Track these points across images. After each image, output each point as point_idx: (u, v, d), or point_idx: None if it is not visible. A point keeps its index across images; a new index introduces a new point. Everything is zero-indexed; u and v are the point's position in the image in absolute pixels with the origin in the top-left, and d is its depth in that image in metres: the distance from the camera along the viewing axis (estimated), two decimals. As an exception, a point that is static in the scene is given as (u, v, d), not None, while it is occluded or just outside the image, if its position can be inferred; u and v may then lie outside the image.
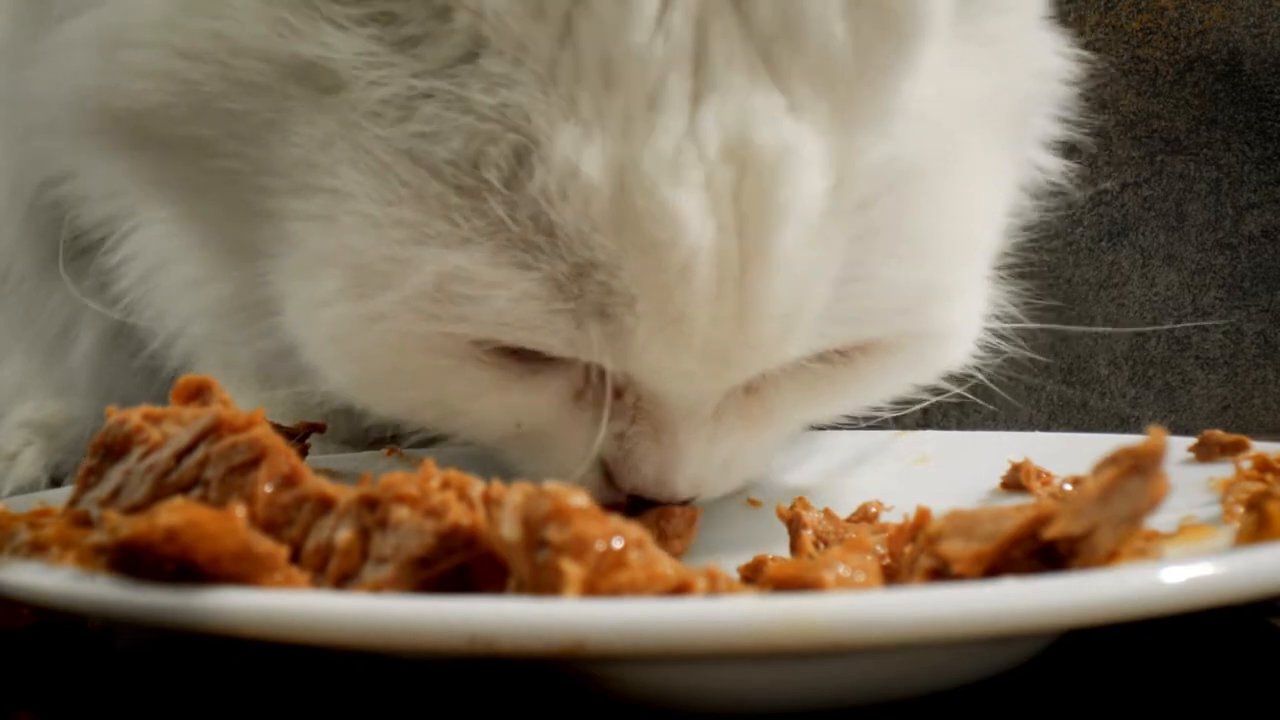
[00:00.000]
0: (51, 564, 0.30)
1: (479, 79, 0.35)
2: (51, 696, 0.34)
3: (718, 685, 0.28)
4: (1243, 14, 0.79)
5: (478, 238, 0.36)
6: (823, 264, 0.37)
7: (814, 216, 0.36)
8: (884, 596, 0.25)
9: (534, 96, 0.35)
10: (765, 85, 0.35)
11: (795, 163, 0.35)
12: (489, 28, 0.35)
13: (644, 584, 0.26)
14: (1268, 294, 0.79)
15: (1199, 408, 0.80)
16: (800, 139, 0.35)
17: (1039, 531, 0.28)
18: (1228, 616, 0.31)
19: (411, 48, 0.36)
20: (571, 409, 0.41)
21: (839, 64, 0.35)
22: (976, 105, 0.41)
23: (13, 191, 0.58)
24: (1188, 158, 0.80)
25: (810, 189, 0.36)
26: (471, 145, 0.36)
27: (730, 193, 0.35)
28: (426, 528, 0.28)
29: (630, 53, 0.34)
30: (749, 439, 0.44)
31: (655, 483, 0.42)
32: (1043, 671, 0.33)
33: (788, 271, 0.36)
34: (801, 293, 0.37)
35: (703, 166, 0.35)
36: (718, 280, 0.36)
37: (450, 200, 0.36)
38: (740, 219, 0.36)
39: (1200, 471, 0.43)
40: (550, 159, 0.35)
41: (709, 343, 0.37)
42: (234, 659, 0.35)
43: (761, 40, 0.35)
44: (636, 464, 0.42)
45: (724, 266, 0.36)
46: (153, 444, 0.31)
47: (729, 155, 0.35)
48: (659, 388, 0.40)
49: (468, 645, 0.24)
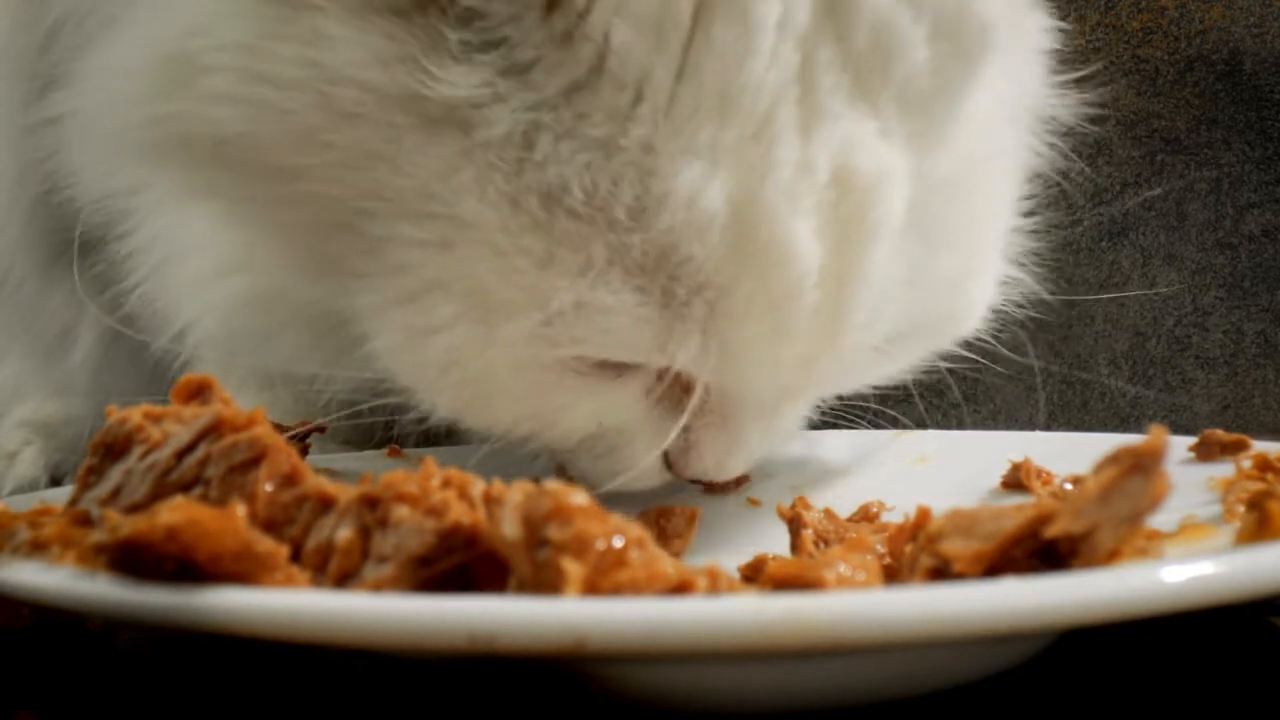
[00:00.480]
0: (52, 563, 0.30)
1: (598, 110, 0.36)
2: (51, 696, 0.34)
3: (718, 685, 0.28)
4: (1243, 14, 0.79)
5: (599, 266, 0.37)
6: (897, 272, 0.40)
7: (896, 229, 0.39)
8: (885, 596, 0.25)
9: (654, 128, 0.36)
10: (862, 110, 0.37)
11: (888, 184, 0.38)
12: (614, 59, 0.35)
13: (644, 583, 0.26)
14: (1268, 294, 0.79)
15: (1199, 407, 0.80)
16: (892, 161, 0.38)
17: (1040, 531, 0.28)
18: (1228, 616, 0.31)
19: (525, 73, 0.36)
20: (644, 407, 0.42)
21: (921, 86, 0.38)
22: (1006, 103, 0.43)
23: (14, 192, 0.58)
24: (1188, 158, 0.80)
25: (898, 207, 0.38)
26: (592, 177, 0.36)
27: (832, 214, 0.37)
28: (427, 527, 0.28)
29: (748, 84, 0.36)
30: (791, 417, 0.46)
31: (717, 468, 0.44)
32: (1043, 671, 0.33)
33: (873, 283, 0.39)
34: (881, 301, 0.40)
35: (813, 194, 0.37)
36: (819, 295, 0.38)
37: (573, 229, 0.37)
38: (839, 239, 0.37)
39: (1201, 471, 0.43)
40: (673, 191, 0.36)
41: (802, 354, 0.39)
42: (234, 659, 0.35)
43: (857, 66, 0.37)
44: (701, 453, 0.44)
45: (825, 284, 0.38)
46: (153, 443, 0.31)
47: (833, 181, 0.37)
48: (745, 390, 0.41)
49: (468, 644, 0.24)
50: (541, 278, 0.37)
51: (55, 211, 0.56)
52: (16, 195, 0.58)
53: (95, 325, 0.62)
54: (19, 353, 0.70)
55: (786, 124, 0.36)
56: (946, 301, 0.44)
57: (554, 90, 0.36)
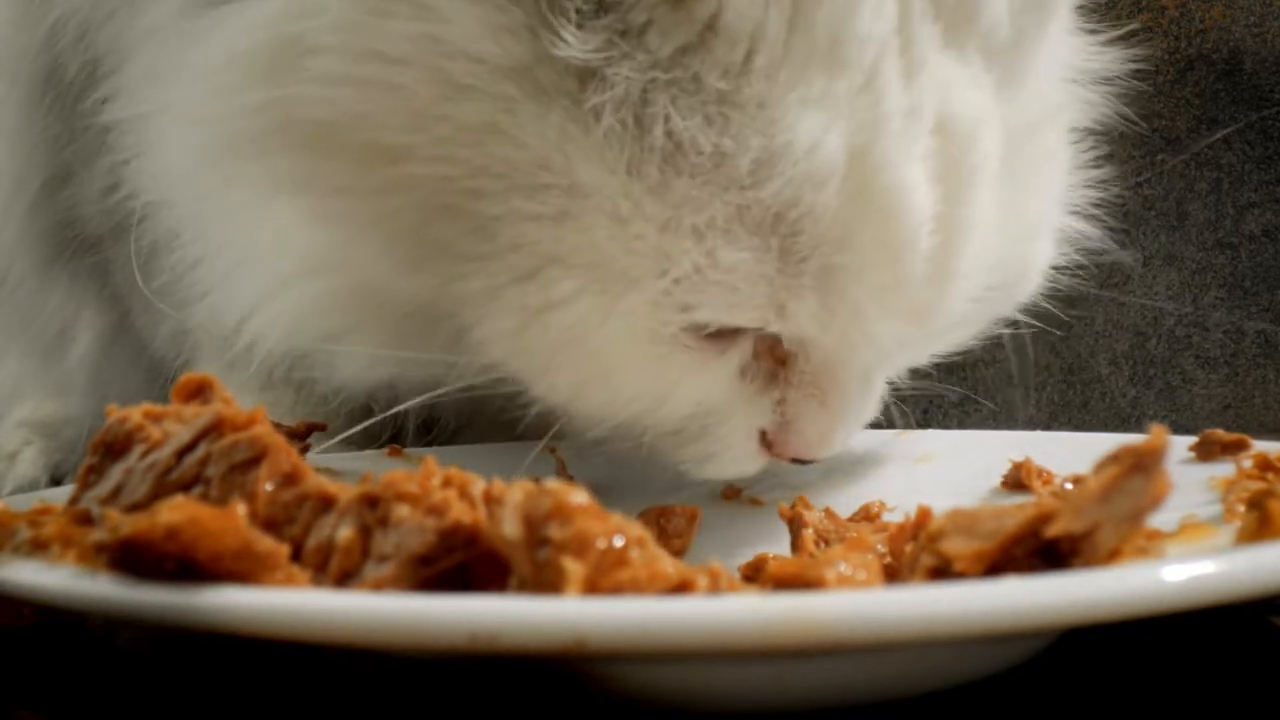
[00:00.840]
0: (52, 562, 0.29)
1: (713, 67, 0.36)
2: (51, 696, 0.34)
3: (718, 684, 0.28)
4: (1243, 13, 0.79)
5: (720, 226, 0.37)
6: (993, 217, 0.40)
7: (994, 176, 0.40)
8: (885, 595, 0.25)
9: (769, 82, 0.36)
10: (953, 59, 0.39)
11: (985, 128, 0.39)
12: (728, 15, 0.36)
13: (645, 582, 0.26)
14: (1268, 293, 0.79)
15: (1199, 407, 0.80)
16: (985, 107, 0.39)
17: (1040, 530, 0.28)
18: (1228, 615, 0.31)
19: (639, 35, 0.36)
20: (739, 380, 0.42)
21: (1002, 35, 0.39)
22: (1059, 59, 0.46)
23: (14, 192, 0.58)
24: (1188, 157, 0.80)
25: (994, 150, 0.39)
26: (711, 135, 0.36)
27: (939, 160, 0.38)
28: (427, 526, 0.28)
29: (856, 34, 0.36)
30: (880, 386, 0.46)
31: (819, 444, 0.44)
32: (1043, 671, 0.33)
33: (977, 229, 0.39)
34: (982, 248, 0.40)
35: (921, 139, 0.38)
36: (931, 243, 0.38)
37: (693, 191, 0.37)
38: (947, 184, 0.38)
39: (1201, 470, 0.43)
40: (793, 143, 0.36)
41: (916, 305, 0.39)
42: (234, 658, 0.35)
43: (948, 17, 0.38)
44: (802, 428, 0.43)
45: (936, 231, 0.38)
46: (154, 442, 0.31)
47: (938, 127, 0.38)
48: (852, 353, 0.41)
49: (468, 643, 0.24)
50: (664, 241, 0.37)
51: (56, 210, 0.56)
52: (16, 195, 0.58)
53: (93, 324, 0.62)
54: (17, 352, 0.70)
55: (892, 73, 0.37)
56: (1019, 259, 0.44)
57: (669, 50, 0.36)
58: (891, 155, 0.37)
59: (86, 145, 0.52)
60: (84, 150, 0.53)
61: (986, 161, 0.39)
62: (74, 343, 0.64)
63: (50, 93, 0.52)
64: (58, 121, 0.53)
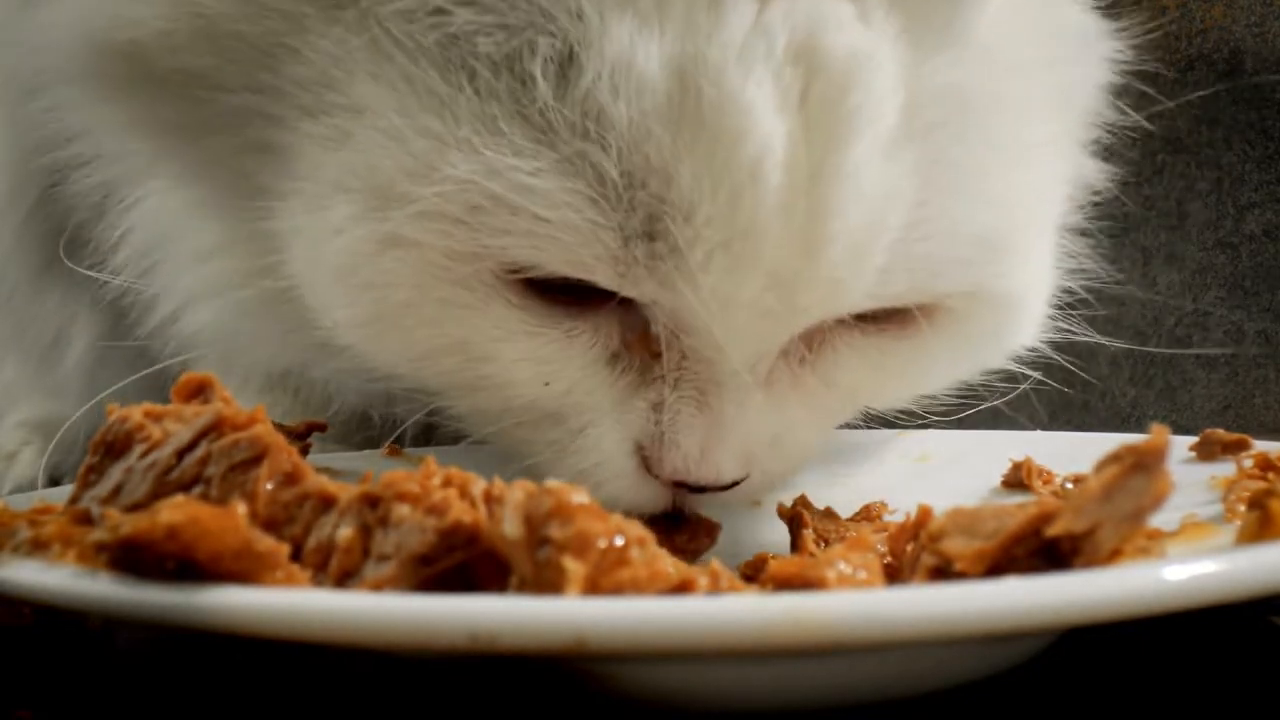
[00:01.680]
0: (52, 562, 0.29)
1: None
2: (51, 696, 0.34)
3: (718, 684, 0.28)
4: (1243, 13, 0.78)
5: (516, 143, 0.34)
6: (892, 187, 0.35)
7: (884, 130, 0.34)
8: (886, 595, 0.25)
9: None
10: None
11: (867, 70, 0.34)
12: None
13: (645, 582, 0.26)
14: (1269, 293, 0.79)
15: (1200, 407, 0.80)
16: (872, 46, 0.34)
17: (1041, 529, 0.28)
18: (1228, 615, 0.31)
19: None
20: (606, 374, 0.39)
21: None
22: (1042, 60, 0.39)
23: (9, 202, 0.58)
24: (1188, 157, 0.80)
25: (881, 99, 0.34)
26: (514, 43, 0.34)
27: (799, 96, 0.34)
28: (428, 525, 0.28)
29: None
30: (803, 415, 0.41)
31: (700, 457, 0.38)
32: (1043, 671, 0.33)
33: (858, 187, 0.34)
34: (874, 214, 0.35)
35: (770, 63, 0.33)
36: (788, 190, 0.34)
37: (484, 105, 0.34)
38: (809, 126, 0.34)
39: (1202, 470, 0.43)
40: (603, 52, 0.33)
41: (776, 268, 0.35)
42: (234, 658, 0.34)
43: None
44: (678, 436, 0.38)
45: (793, 175, 0.33)
46: (154, 442, 0.31)
47: (797, 56, 0.33)
48: (712, 330, 0.36)
49: (469, 643, 0.24)
50: (439, 158, 0.34)
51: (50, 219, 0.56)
52: (12, 205, 0.58)
53: (87, 330, 0.62)
54: (14, 360, 0.70)
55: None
56: (976, 271, 0.38)
57: None
58: (724, 69, 0.33)
59: None
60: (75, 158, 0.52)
61: (871, 107, 0.34)
62: (69, 347, 0.63)
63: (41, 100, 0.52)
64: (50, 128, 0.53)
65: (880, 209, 0.35)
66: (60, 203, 0.54)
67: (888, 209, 0.35)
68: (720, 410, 0.38)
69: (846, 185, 0.34)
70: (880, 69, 0.34)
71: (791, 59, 0.33)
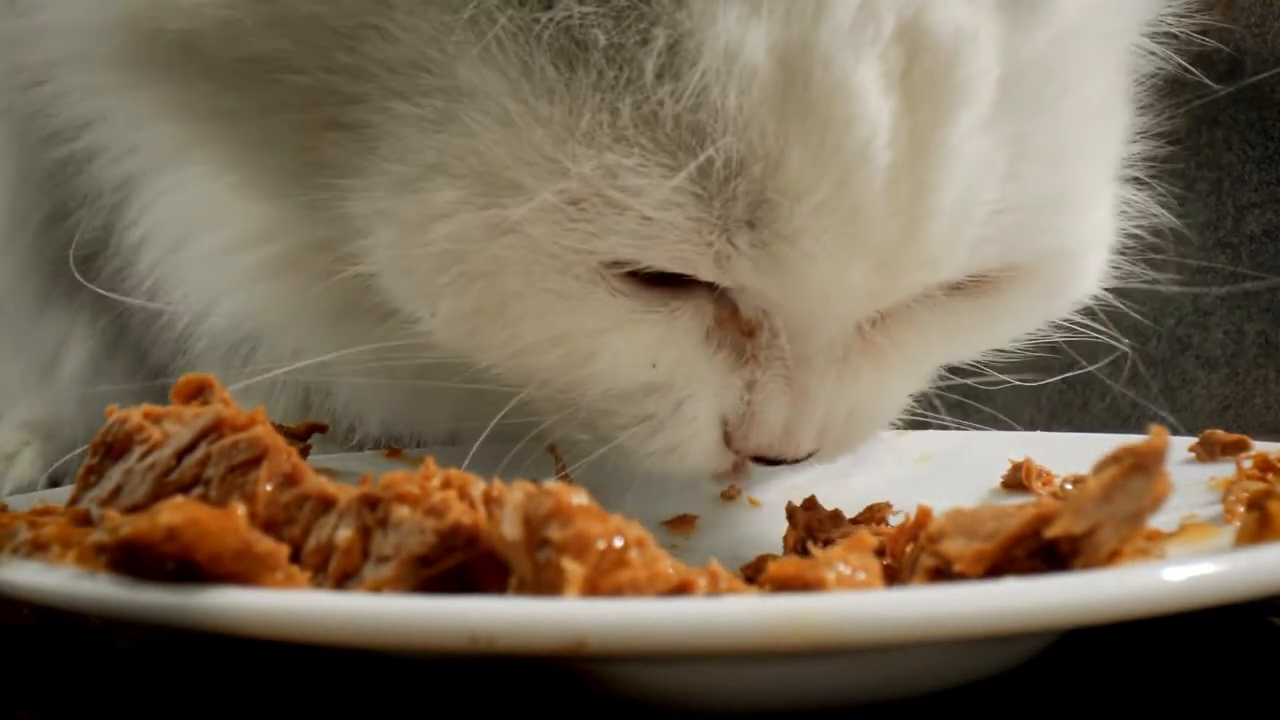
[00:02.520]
0: (52, 563, 0.30)
1: None
2: (51, 696, 0.34)
3: (718, 684, 0.28)
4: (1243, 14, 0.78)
5: (627, 135, 0.33)
6: (991, 159, 0.35)
7: (984, 105, 0.34)
8: (886, 596, 0.25)
9: None
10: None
11: (971, 45, 0.34)
12: None
13: (645, 583, 0.26)
14: (1269, 294, 0.79)
15: (1200, 407, 0.80)
16: (975, 21, 0.34)
17: (1041, 530, 0.28)
18: (1228, 616, 0.31)
19: None
20: (705, 350, 0.38)
21: None
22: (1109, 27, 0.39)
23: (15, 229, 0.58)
24: (1188, 157, 0.80)
25: (984, 74, 0.34)
26: (624, 30, 0.33)
27: (901, 73, 0.33)
28: (427, 526, 0.28)
29: None
30: (877, 384, 0.41)
31: (783, 435, 0.39)
32: (1043, 671, 0.33)
33: (960, 162, 0.34)
34: (972, 189, 0.35)
35: (878, 44, 0.33)
36: (894, 167, 0.33)
37: (595, 95, 0.33)
38: (913, 103, 0.33)
39: (1201, 471, 0.43)
40: (712, 42, 0.32)
41: (881, 244, 0.34)
42: (234, 659, 0.35)
43: None
44: (764, 414, 0.39)
45: (899, 152, 0.33)
46: (153, 443, 0.31)
47: (903, 34, 0.33)
48: (807, 310, 0.36)
49: (468, 644, 0.24)
50: (560, 151, 0.33)
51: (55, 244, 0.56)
52: (18, 232, 0.58)
53: (86, 342, 0.62)
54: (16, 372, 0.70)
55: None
56: (1055, 234, 0.39)
57: None
58: (834, 53, 0.32)
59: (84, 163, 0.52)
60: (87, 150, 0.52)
61: (973, 83, 0.34)
62: (67, 361, 0.63)
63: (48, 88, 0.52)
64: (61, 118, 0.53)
65: (978, 183, 0.35)
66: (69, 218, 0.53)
67: (984, 183, 0.35)
68: (804, 387, 0.39)
69: (950, 161, 0.34)
70: (982, 45, 0.34)
71: (897, 38, 0.33)
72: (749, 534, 0.47)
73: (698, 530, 0.48)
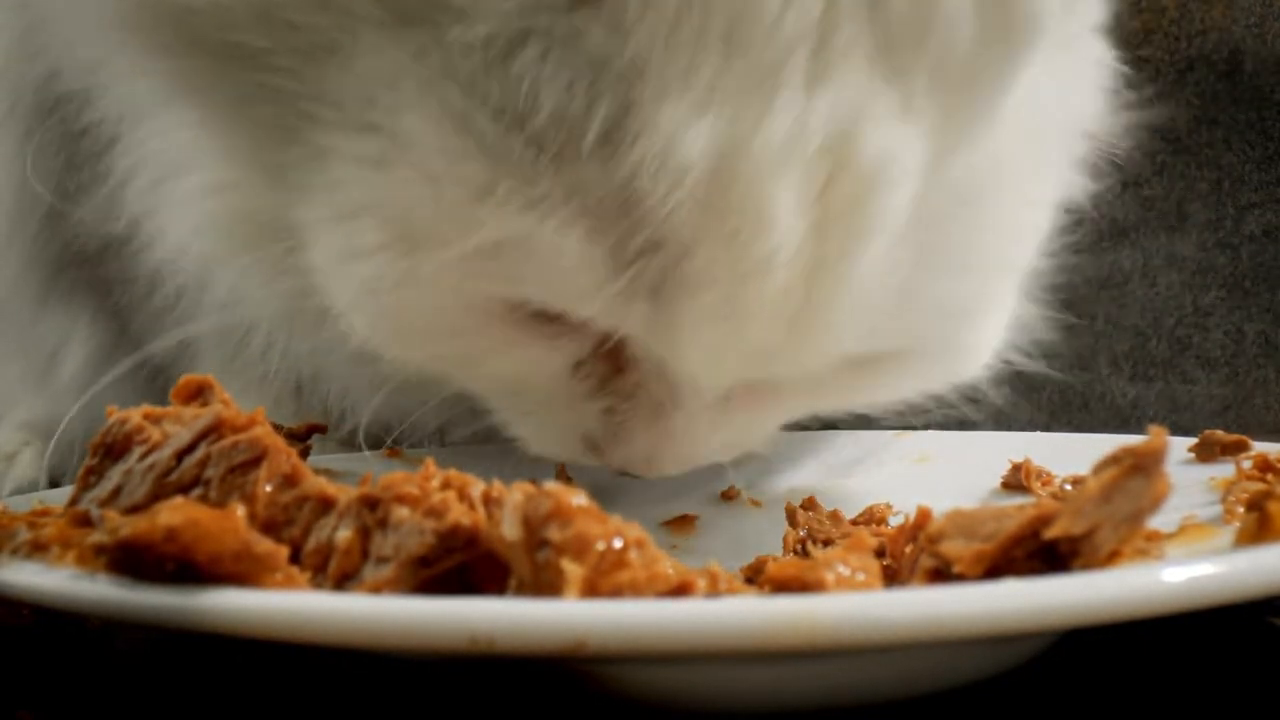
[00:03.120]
0: (51, 564, 0.30)
1: (598, 24, 0.32)
2: (51, 696, 0.34)
3: (718, 685, 0.28)
4: (1243, 14, 0.78)
5: (550, 201, 0.33)
6: (892, 274, 0.35)
7: (895, 229, 0.34)
8: (885, 597, 0.25)
9: (653, 52, 0.32)
10: (881, 80, 0.33)
11: (894, 171, 0.33)
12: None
13: (645, 584, 0.26)
14: (1269, 294, 0.79)
15: (1200, 408, 0.80)
16: (906, 146, 0.33)
17: (1040, 531, 0.28)
18: (1228, 616, 0.31)
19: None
20: (568, 378, 0.40)
21: (959, 64, 0.33)
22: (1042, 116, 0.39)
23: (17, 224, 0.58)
24: (1188, 157, 0.80)
25: (901, 202, 0.34)
26: (571, 99, 0.33)
27: (819, 193, 0.33)
28: (427, 527, 0.28)
29: (760, 22, 0.31)
30: (752, 422, 0.43)
31: (646, 462, 0.41)
32: (1043, 671, 0.33)
33: (857, 284, 0.35)
34: (862, 305, 0.35)
35: (803, 161, 0.32)
36: (789, 284, 0.34)
37: (528, 159, 0.33)
38: (824, 221, 0.33)
39: (1201, 471, 0.43)
40: (655, 126, 0.32)
41: (759, 341, 0.35)
42: (234, 659, 0.35)
43: (887, 29, 0.32)
44: (630, 442, 0.41)
45: (798, 271, 0.34)
46: (153, 443, 0.31)
47: (827, 151, 0.33)
48: (689, 374, 0.38)
49: (468, 645, 0.24)
50: (475, 211, 0.33)
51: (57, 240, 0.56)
52: (19, 227, 0.58)
53: (86, 343, 0.62)
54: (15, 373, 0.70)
55: (792, 76, 0.32)
56: (944, 332, 0.40)
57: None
58: (760, 167, 0.32)
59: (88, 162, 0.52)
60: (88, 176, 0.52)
61: (888, 210, 0.34)
62: (67, 361, 0.64)
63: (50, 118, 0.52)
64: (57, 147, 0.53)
65: (870, 298, 0.36)
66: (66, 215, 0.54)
67: (876, 297, 0.36)
68: (671, 425, 0.40)
69: (847, 281, 0.35)
70: (906, 168, 0.34)
71: (820, 154, 0.33)
72: (749, 535, 0.47)
73: (697, 531, 0.48)
